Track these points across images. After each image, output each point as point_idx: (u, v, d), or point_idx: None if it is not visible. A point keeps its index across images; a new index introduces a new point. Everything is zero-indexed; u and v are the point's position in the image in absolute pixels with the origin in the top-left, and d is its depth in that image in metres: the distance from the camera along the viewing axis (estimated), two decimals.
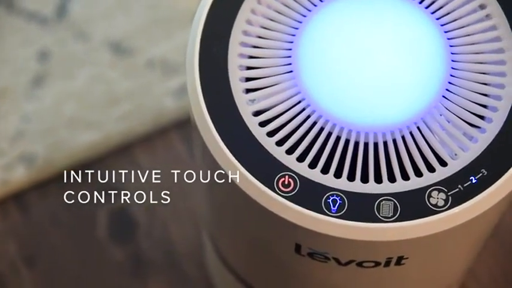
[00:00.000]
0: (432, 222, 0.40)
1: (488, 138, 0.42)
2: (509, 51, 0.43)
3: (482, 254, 0.67)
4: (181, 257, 0.70)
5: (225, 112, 0.42)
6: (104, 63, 0.76)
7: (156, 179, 0.73)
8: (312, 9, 0.45)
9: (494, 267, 0.68)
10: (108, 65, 0.75)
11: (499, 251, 0.69)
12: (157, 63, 0.75)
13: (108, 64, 0.75)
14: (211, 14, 0.44)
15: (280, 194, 0.41)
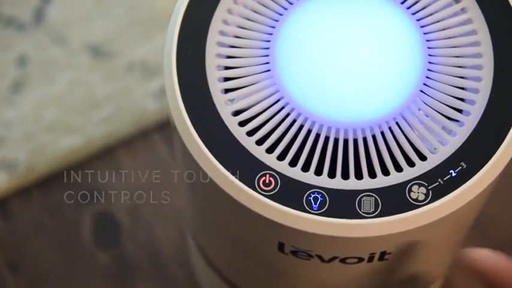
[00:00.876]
0: (413, 217, 0.40)
1: (467, 131, 0.42)
2: (485, 44, 0.43)
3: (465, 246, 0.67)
4: (166, 258, 0.69)
5: (204, 113, 0.42)
6: (84, 67, 0.75)
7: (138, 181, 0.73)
8: (288, 7, 0.45)
9: None
10: (88, 69, 0.75)
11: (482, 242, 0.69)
12: (137, 66, 0.75)
13: (87, 68, 0.75)
14: (187, 15, 0.44)
15: (261, 193, 0.41)
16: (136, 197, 0.72)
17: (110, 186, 0.72)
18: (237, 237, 0.47)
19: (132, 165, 0.73)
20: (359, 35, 0.43)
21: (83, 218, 0.71)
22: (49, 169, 0.72)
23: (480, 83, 0.43)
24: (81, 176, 0.72)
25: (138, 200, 0.71)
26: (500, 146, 0.41)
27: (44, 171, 0.72)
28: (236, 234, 0.47)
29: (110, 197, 0.72)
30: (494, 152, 0.41)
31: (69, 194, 0.72)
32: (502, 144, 0.41)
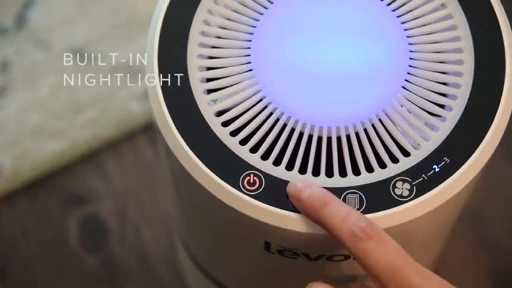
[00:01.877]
0: (398, 213, 0.40)
1: (449, 126, 0.42)
2: (465, 39, 0.43)
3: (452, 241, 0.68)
4: (154, 260, 0.69)
5: (187, 114, 0.42)
6: (67, 71, 0.75)
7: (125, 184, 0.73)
8: (269, 6, 0.45)
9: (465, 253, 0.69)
10: (71, 73, 0.75)
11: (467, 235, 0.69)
12: (121, 68, 0.75)
13: (71, 72, 0.75)
14: (168, 17, 0.44)
15: (246, 193, 0.41)
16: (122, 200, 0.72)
17: (96, 190, 0.72)
18: (223, 237, 0.47)
19: (118, 167, 0.73)
20: (340, 34, 0.43)
21: (69, 222, 0.71)
22: (34, 174, 0.72)
23: (461, 78, 0.43)
24: (67, 180, 0.72)
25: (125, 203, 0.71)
26: (482, 140, 0.41)
27: (29, 176, 0.72)
28: (222, 235, 0.47)
29: (96, 201, 0.72)
30: (477, 146, 0.41)
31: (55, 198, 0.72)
32: (484, 138, 0.41)
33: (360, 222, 0.39)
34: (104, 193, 0.72)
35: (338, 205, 0.39)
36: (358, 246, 0.38)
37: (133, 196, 0.72)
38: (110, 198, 0.72)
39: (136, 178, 0.72)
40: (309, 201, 0.40)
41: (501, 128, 0.42)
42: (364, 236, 0.38)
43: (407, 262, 0.38)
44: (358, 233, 0.38)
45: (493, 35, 0.43)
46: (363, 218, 0.39)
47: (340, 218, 0.39)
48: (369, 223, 0.39)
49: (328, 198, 0.40)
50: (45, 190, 0.72)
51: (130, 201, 0.72)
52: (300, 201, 0.40)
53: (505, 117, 0.42)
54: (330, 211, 0.39)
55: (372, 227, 0.38)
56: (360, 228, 0.38)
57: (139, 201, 0.71)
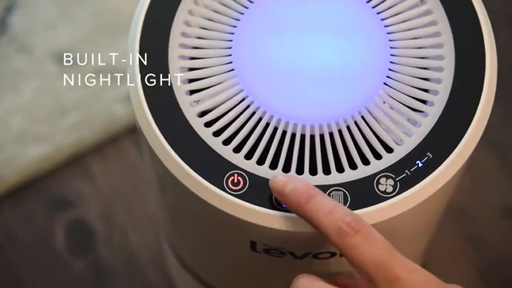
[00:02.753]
0: (382, 209, 0.41)
1: (432, 121, 0.42)
2: (445, 35, 0.44)
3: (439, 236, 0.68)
4: (142, 262, 0.69)
5: (170, 115, 0.42)
6: (50, 74, 0.75)
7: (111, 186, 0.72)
8: (249, 6, 0.45)
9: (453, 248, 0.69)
10: (54, 76, 0.75)
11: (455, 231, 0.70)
12: (104, 71, 0.75)
13: (54, 75, 0.75)
14: (148, 19, 0.44)
15: (230, 192, 0.41)
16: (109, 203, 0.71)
17: (82, 193, 0.72)
18: (209, 238, 0.47)
19: (103, 170, 0.73)
20: (321, 32, 0.43)
21: (56, 226, 0.71)
22: (19, 179, 0.71)
23: (442, 73, 0.43)
24: (52, 184, 0.72)
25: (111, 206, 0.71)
26: (465, 135, 0.42)
27: (14, 181, 0.71)
28: (208, 235, 0.47)
29: (82, 204, 0.71)
30: (460, 140, 0.42)
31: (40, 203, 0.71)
32: (466, 132, 0.42)
33: (346, 217, 0.38)
34: (89, 196, 0.72)
35: (323, 199, 0.39)
36: (344, 241, 0.38)
37: (120, 198, 0.71)
38: (96, 201, 0.71)
39: (122, 180, 0.72)
40: (293, 195, 0.39)
41: (483, 121, 0.42)
42: (351, 231, 0.38)
43: (394, 256, 0.38)
44: (344, 227, 0.38)
45: (473, 30, 0.43)
46: (349, 212, 0.39)
47: (325, 212, 0.39)
48: (354, 217, 0.39)
49: (312, 192, 0.39)
50: (30, 195, 0.71)
51: (116, 203, 0.71)
52: (284, 196, 0.40)
53: (486, 111, 0.42)
54: (314, 205, 0.39)
55: (358, 221, 0.38)
56: (346, 222, 0.38)
57: (126, 204, 0.71)
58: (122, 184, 0.72)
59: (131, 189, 0.72)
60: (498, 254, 0.69)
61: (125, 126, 0.73)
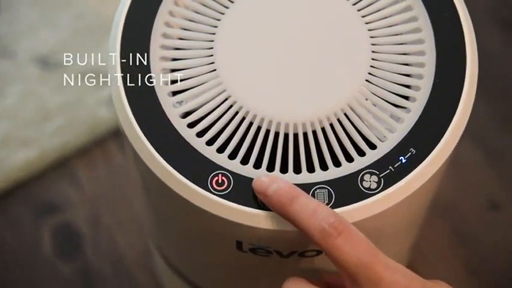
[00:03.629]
0: (367, 206, 0.41)
1: (414, 117, 0.42)
2: (426, 30, 0.44)
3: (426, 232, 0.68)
4: (130, 265, 0.69)
5: (153, 117, 0.42)
6: (33, 79, 0.75)
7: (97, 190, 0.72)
8: (229, 6, 0.45)
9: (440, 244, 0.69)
10: (38, 81, 0.74)
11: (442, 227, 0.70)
12: (88, 74, 0.74)
13: (37, 80, 0.74)
14: (129, 21, 0.44)
15: (214, 193, 0.41)
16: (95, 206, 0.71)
17: (68, 197, 0.72)
18: (195, 239, 0.47)
19: (89, 174, 0.72)
20: (301, 30, 0.44)
21: (42, 231, 0.70)
22: (5, 184, 0.71)
23: (424, 68, 0.43)
24: (38, 188, 0.71)
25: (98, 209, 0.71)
26: (447, 129, 0.42)
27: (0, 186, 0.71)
28: (194, 236, 0.47)
29: (68, 208, 0.71)
30: (442, 135, 0.42)
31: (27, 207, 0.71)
32: (449, 127, 0.42)
33: (329, 218, 0.39)
34: (76, 200, 0.71)
35: (306, 200, 0.39)
36: (328, 242, 0.38)
37: (106, 202, 0.71)
38: (83, 205, 0.71)
39: (108, 183, 0.72)
40: (276, 196, 0.40)
41: (465, 116, 0.42)
42: (334, 232, 0.38)
43: (377, 257, 0.39)
44: (328, 228, 0.38)
45: (453, 25, 0.43)
46: (332, 212, 0.39)
47: (308, 213, 0.39)
48: (337, 218, 0.39)
49: (295, 193, 0.40)
50: (16, 200, 0.71)
51: (103, 207, 0.71)
52: (267, 197, 0.40)
53: (468, 105, 0.42)
54: (298, 206, 0.39)
55: (340, 222, 0.39)
56: (329, 223, 0.38)
57: (112, 207, 0.71)
58: (108, 187, 0.72)
59: (117, 192, 0.71)
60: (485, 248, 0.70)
61: (109, 128, 0.73)
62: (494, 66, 0.77)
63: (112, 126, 0.73)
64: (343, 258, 0.38)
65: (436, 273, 0.68)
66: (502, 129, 0.75)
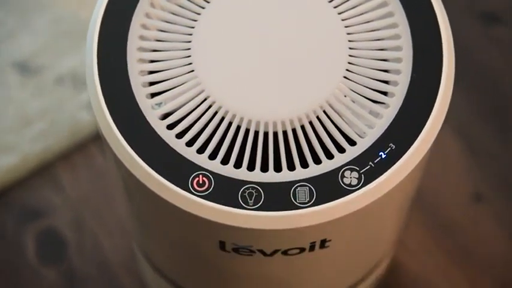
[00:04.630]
0: (348, 202, 0.41)
1: (393, 112, 0.42)
2: (402, 26, 0.44)
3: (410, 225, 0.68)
4: (115, 269, 0.69)
5: (131, 119, 0.42)
6: (12, 84, 0.74)
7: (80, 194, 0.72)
8: (205, 6, 0.45)
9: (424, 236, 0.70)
10: (17, 86, 0.74)
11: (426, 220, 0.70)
12: (67, 78, 0.74)
13: (16, 85, 0.74)
14: (104, 24, 0.44)
15: (195, 194, 0.41)
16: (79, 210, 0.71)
17: (51, 202, 0.71)
18: (178, 240, 0.47)
19: (72, 178, 0.72)
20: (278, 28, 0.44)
21: (26, 237, 0.70)
22: None
23: (401, 64, 0.43)
24: (21, 194, 0.71)
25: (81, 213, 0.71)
26: (426, 123, 0.42)
27: None
28: (176, 238, 0.46)
29: (52, 213, 0.71)
30: (421, 129, 0.42)
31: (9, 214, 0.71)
32: (427, 121, 0.42)
33: None
34: (59, 205, 0.71)
35: None
36: None
37: (90, 206, 0.71)
38: (66, 210, 0.71)
39: (91, 187, 0.72)
40: None
41: (443, 109, 0.42)
42: None
43: None
44: None
45: (429, 19, 0.44)
46: None
47: None
48: None
49: None
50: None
51: (86, 211, 0.71)
52: None
53: (447, 98, 0.43)
54: None
55: None
56: None
57: (96, 211, 0.71)
58: (91, 190, 0.72)
59: (101, 196, 0.71)
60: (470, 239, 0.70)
61: (91, 132, 0.73)
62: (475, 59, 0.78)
63: (93, 130, 0.73)
64: None
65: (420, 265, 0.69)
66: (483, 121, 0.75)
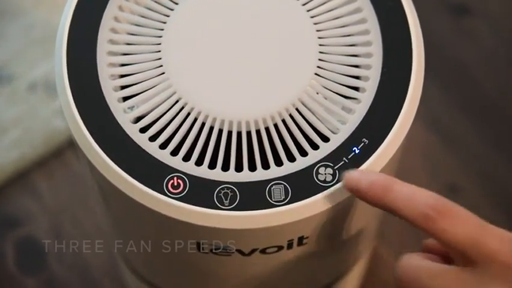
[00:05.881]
0: (323, 199, 0.41)
1: (365, 107, 0.42)
2: (371, 21, 0.44)
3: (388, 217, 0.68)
4: (96, 275, 0.69)
5: (104, 124, 0.42)
6: None
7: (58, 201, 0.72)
8: (174, 7, 0.44)
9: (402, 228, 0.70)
10: None
11: None
12: (40, 85, 0.74)
13: None
14: (73, 30, 0.44)
15: (171, 196, 0.41)
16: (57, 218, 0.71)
17: (29, 210, 0.71)
18: (155, 243, 0.47)
19: (49, 185, 0.72)
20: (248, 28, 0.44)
21: (5, 246, 0.69)
22: None
23: (371, 59, 0.43)
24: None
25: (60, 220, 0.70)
26: (398, 117, 0.42)
27: None
28: (154, 241, 0.46)
29: (30, 222, 0.70)
30: (394, 123, 0.42)
31: None
32: (399, 114, 0.42)
33: (428, 201, 0.38)
34: (37, 213, 0.71)
35: (401, 187, 0.38)
36: (433, 227, 0.37)
37: (68, 212, 0.71)
38: (45, 218, 0.71)
39: (69, 194, 0.71)
40: (369, 190, 0.39)
41: (415, 102, 0.43)
42: (437, 215, 0.37)
43: (485, 230, 0.37)
44: (431, 213, 0.37)
45: (397, 13, 0.44)
46: (430, 195, 0.38)
47: (406, 200, 0.38)
48: (437, 199, 0.38)
49: (388, 182, 0.39)
50: None
51: (65, 218, 0.71)
52: (361, 192, 0.39)
53: (417, 91, 0.43)
54: (393, 195, 0.38)
55: (442, 203, 0.38)
56: (430, 207, 0.37)
57: (75, 217, 0.70)
58: (69, 197, 0.71)
59: (79, 202, 0.71)
60: None
61: (66, 139, 0.73)
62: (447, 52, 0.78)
63: (68, 136, 0.73)
64: (451, 240, 0.37)
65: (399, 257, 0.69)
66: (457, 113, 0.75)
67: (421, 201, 0.38)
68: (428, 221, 0.38)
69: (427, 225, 0.38)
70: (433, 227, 0.38)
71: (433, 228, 0.38)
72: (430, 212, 0.37)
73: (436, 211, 0.37)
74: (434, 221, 0.37)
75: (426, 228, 0.38)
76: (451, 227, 0.37)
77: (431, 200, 0.38)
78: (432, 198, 0.38)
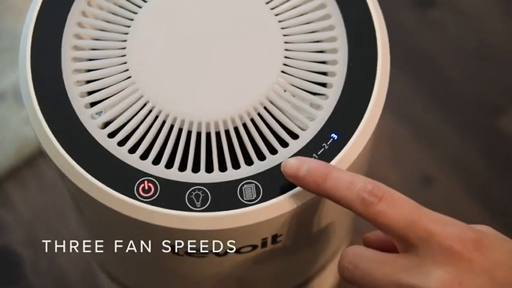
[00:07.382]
0: (293, 196, 0.41)
1: (332, 103, 0.43)
2: (335, 17, 0.44)
3: None
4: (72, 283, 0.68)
5: (71, 131, 0.42)
6: None
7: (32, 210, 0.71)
8: (137, 11, 0.44)
9: None
10: None
11: None
12: (9, 94, 0.73)
13: None
14: (36, 37, 0.43)
15: (142, 200, 0.40)
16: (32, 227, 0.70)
17: (3, 221, 0.70)
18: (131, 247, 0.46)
19: (22, 195, 0.71)
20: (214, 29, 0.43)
21: None
22: None
23: (337, 54, 0.43)
24: None
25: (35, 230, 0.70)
26: (366, 110, 0.42)
27: None
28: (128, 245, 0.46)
29: (4, 232, 0.70)
30: (362, 117, 0.42)
31: None
32: (367, 108, 0.42)
33: (366, 186, 0.38)
34: (11, 223, 0.70)
35: (339, 174, 0.39)
36: (370, 211, 0.38)
37: (42, 221, 0.70)
38: (19, 228, 0.70)
39: (43, 203, 0.71)
40: (308, 176, 0.39)
41: (382, 95, 0.43)
42: (374, 199, 0.38)
43: (423, 213, 0.38)
44: (368, 197, 0.38)
45: (361, 8, 0.44)
46: (367, 180, 0.39)
47: (344, 186, 0.39)
48: (374, 184, 0.39)
49: (327, 169, 0.39)
50: None
51: (40, 227, 0.70)
52: (300, 179, 0.40)
53: (384, 84, 0.43)
54: (332, 182, 0.39)
55: (379, 187, 0.39)
56: (368, 191, 0.38)
57: (49, 226, 0.70)
58: (43, 206, 0.71)
59: (53, 210, 0.70)
60: None
61: (38, 147, 0.72)
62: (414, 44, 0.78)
63: None
64: (389, 223, 0.38)
65: None
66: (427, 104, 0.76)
67: (359, 187, 0.39)
68: (365, 205, 0.38)
69: (365, 209, 0.39)
70: (370, 210, 0.38)
71: (370, 212, 0.38)
72: (366, 196, 0.38)
73: (373, 195, 0.38)
74: (371, 204, 0.38)
75: (364, 213, 0.39)
76: (388, 210, 0.38)
77: (368, 185, 0.39)
78: (369, 183, 0.39)
